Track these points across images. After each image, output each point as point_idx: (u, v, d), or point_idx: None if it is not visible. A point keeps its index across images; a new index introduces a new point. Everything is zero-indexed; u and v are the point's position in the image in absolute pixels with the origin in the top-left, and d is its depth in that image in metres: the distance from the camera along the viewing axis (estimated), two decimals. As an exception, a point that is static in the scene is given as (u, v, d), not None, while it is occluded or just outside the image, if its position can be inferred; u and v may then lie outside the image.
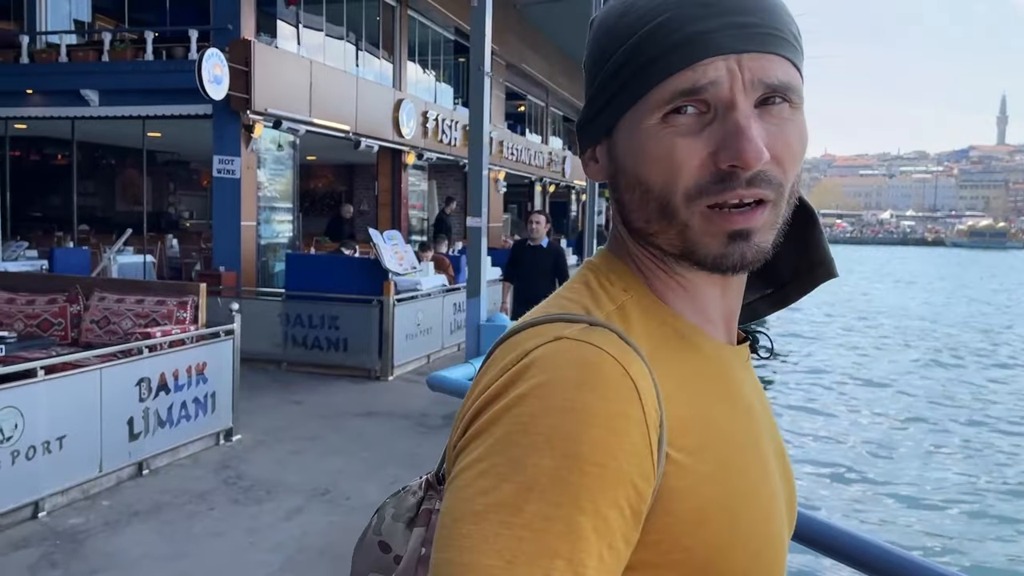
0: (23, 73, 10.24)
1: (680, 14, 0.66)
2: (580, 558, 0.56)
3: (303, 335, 8.47)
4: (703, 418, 0.67)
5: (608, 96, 0.70)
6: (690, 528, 0.63)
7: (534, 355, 0.63)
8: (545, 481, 0.57)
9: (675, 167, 0.66)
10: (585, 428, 0.58)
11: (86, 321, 5.78)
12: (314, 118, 10.63)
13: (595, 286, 0.72)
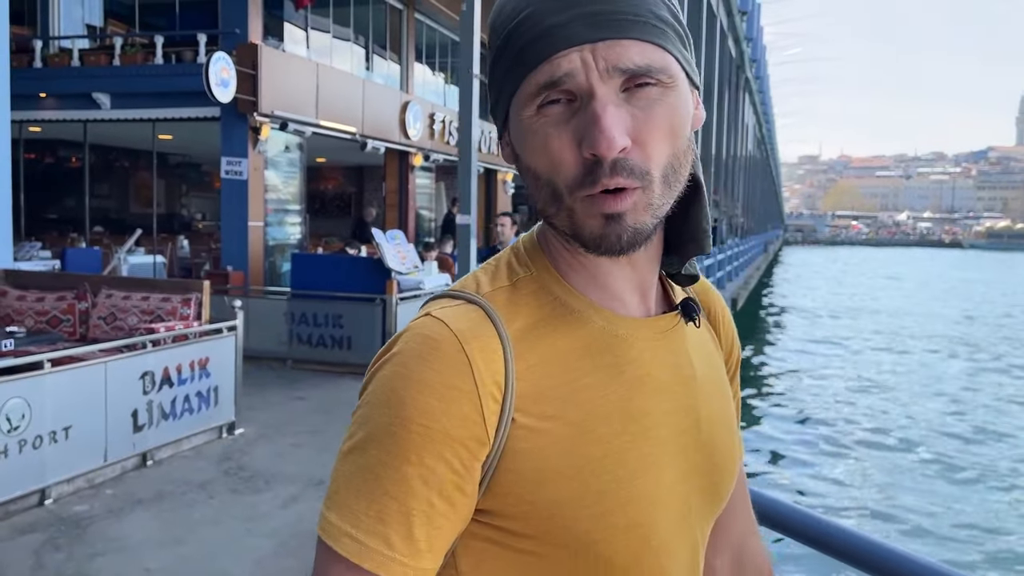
0: (37, 77, 10.47)
1: (539, 9, 0.69)
2: (408, 501, 0.67)
3: (308, 333, 8.63)
4: (567, 388, 0.73)
5: (496, 89, 0.74)
6: (532, 486, 0.70)
7: (408, 327, 0.74)
8: (381, 434, 0.67)
9: (554, 160, 0.70)
10: (415, 394, 0.67)
11: (93, 318, 5.95)
12: (320, 120, 10.81)
13: (503, 263, 0.80)
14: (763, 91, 30.60)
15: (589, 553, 0.72)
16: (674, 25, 0.72)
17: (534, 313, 0.75)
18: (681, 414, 0.78)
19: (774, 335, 20.69)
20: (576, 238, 0.73)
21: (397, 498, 0.67)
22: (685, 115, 0.72)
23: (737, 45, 20.81)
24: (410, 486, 0.67)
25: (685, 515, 0.78)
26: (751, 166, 34.20)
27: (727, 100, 19.03)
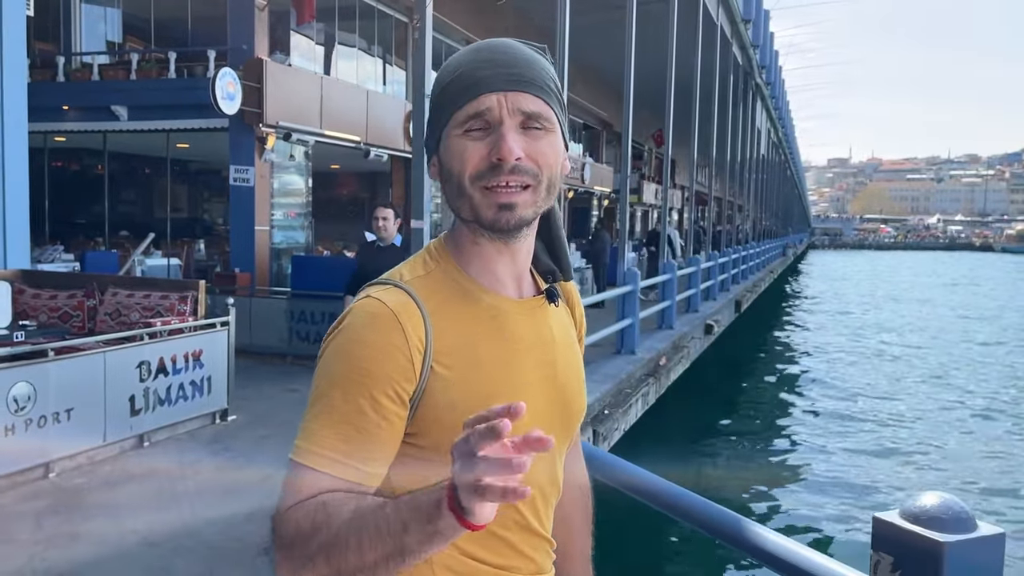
0: (60, 91, 11.17)
1: (471, 68, 1.04)
2: (361, 424, 0.97)
3: (306, 331, 9.20)
4: (467, 346, 1.04)
5: (434, 125, 1.07)
6: (444, 412, 1.00)
7: (354, 306, 1.05)
8: (341, 380, 0.99)
9: (467, 160, 1.02)
10: (365, 350, 0.99)
11: (100, 314, 6.55)
12: (325, 129, 11.40)
13: (420, 258, 1.12)
14: (776, 96, 30.76)
15: None
16: (557, 93, 1.08)
17: (443, 294, 1.07)
18: (544, 365, 1.11)
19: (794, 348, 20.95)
20: (477, 221, 1.05)
21: (353, 422, 0.97)
22: (559, 153, 1.06)
23: (744, 52, 21.11)
24: (363, 413, 0.97)
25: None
26: (765, 170, 34.31)
27: (730, 105, 19.34)
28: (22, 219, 7.06)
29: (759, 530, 1.60)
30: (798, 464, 10.32)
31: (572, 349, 1.20)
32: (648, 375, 9.36)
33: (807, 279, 47.22)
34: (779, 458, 10.55)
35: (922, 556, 1.25)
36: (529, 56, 1.06)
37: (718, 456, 10.35)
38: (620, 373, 8.39)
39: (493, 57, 1.04)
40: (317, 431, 0.98)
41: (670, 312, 11.90)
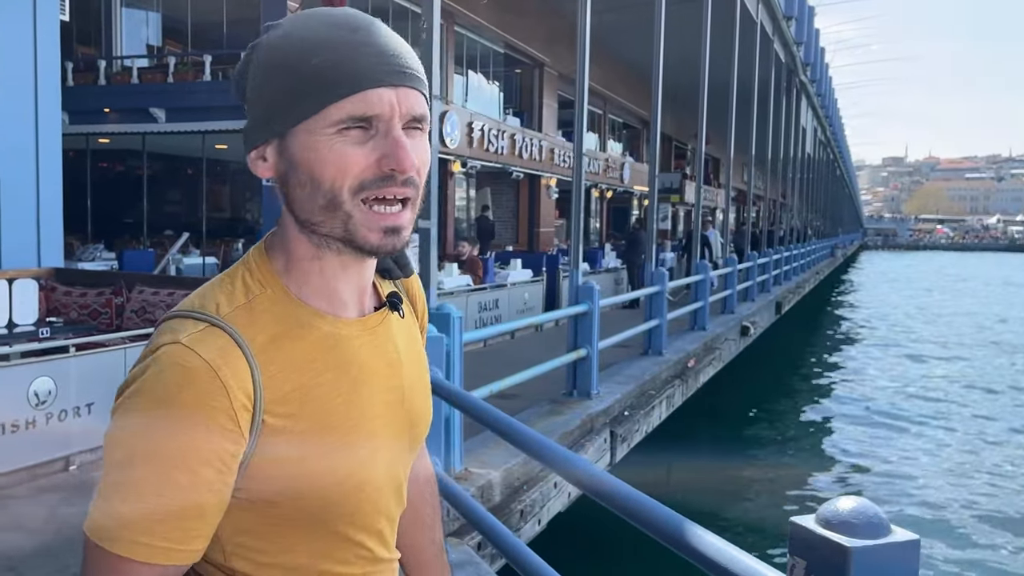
0: (101, 93, 11.49)
1: (348, 50, 0.84)
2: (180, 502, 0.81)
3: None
4: (304, 389, 0.89)
5: (281, 108, 0.85)
6: (280, 466, 0.87)
7: (159, 353, 0.84)
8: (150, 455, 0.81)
9: (346, 167, 0.84)
10: (176, 417, 0.81)
11: (127, 311, 6.71)
12: (357, 130, 11.52)
13: (239, 281, 0.91)
14: (823, 93, 30.21)
15: (323, 506, 0.91)
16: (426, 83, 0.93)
17: (271, 327, 0.89)
18: (391, 391, 0.98)
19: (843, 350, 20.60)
20: (348, 242, 0.88)
21: (173, 500, 0.81)
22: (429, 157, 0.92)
23: (786, 49, 20.80)
24: (183, 489, 0.81)
25: (392, 464, 0.99)
26: (812, 169, 33.75)
27: (771, 103, 19.06)
28: (56, 220, 7.28)
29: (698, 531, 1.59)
30: (818, 473, 10.13)
31: (419, 362, 1.08)
32: (675, 377, 9.27)
33: (857, 279, 46.28)
34: (805, 467, 10.37)
35: (831, 561, 1.23)
36: (405, 42, 0.91)
37: (742, 462, 10.20)
38: (644, 375, 8.32)
39: (374, 41, 0.86)
40: (128, 514, 0.82)
41: (702, 313, 11.77)
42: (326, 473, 0.90)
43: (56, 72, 7.22)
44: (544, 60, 17.74)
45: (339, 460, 0.92)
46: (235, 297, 0.89)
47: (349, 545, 0.96)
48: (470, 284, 10.41)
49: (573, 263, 7.25)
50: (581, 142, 7.20)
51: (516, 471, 5.00)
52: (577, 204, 7.35)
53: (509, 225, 18.64)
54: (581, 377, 7.05)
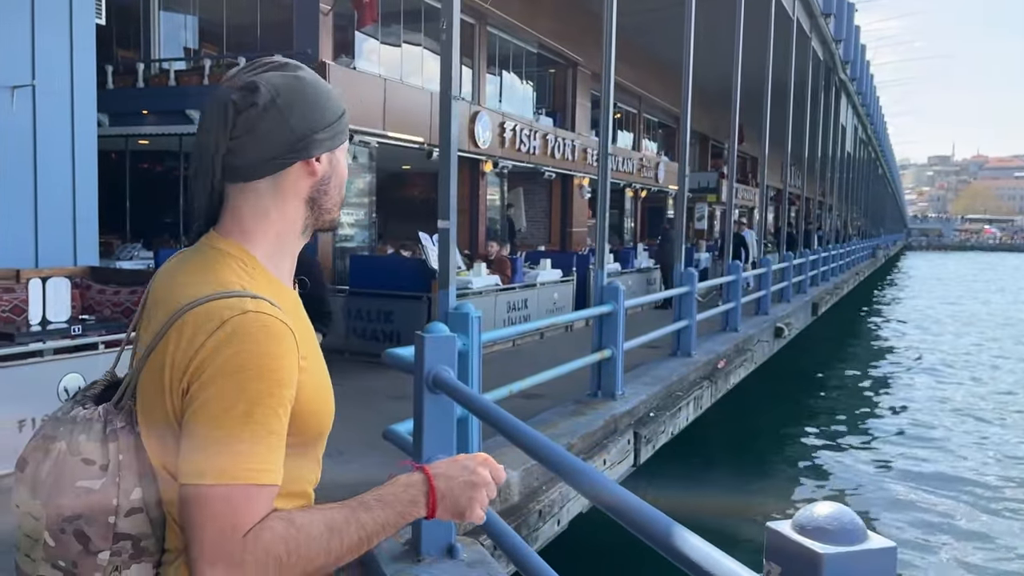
0: (139, 96, 11.71)
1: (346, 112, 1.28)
2: (280, 432, 1.07)
3: (362, 328, 9.39)
4: (304, 339, 1.14)
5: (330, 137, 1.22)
6: (303, 405, 1.11)
7: (233, 324, 1.04)
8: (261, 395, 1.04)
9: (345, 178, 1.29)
10: (273, 362, 1.06)
11: (158, 309, 6.85)
12: (388, 131, 11.61)
13: (234, 265, 1.14)
14: (864, 91, 29.71)
15: (319, 433, 1.21)
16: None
17: (274, 296, 1.14)
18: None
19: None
20: (327, 224, 1.28)
21: (276, 433, 1.06)
22: None
23: (825, 47, 20.49)
24: (280, 421, 1.07)
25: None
26: (853, 168, 33.19)
27: (808, 102, 18.78)
28: (91, 220, 7.45)
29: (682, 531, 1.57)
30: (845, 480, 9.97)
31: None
32: (704, 378, 9.19)
33: (900, 279, 45.45)
34: (830, 475, 10.21)
35: (804, 567, 1.22)
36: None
37: (768, 466, 10.07)
38: (672, 376, 8.26)
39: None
40: (252, 448, 1.03)
41: (734, 314, 11.64)
42: (324, 404, 1.19)
43: (92, 75, 7.37)
44: (577, 60, 17.70)
45: (327, 395, 1.21)
46: (243, 278, 1.13)
47: (317, 467, 1.25)
48: (499, 283, 10.42)
49: (598, 263, 7.23)
50: (607, 140, 7.18)
51: (535, 471, 4.99)
52: (602, 203, 7.34)
53: (542, 225, 18.64)
54: (605, 378, 7.02)
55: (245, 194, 1.19)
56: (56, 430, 1.10)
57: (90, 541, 1.05)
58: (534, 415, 6.29)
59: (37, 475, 1.08)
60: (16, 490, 1.12)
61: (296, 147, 1.17)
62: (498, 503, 4.61)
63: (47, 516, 1.06)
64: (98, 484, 1.06)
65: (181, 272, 1.16)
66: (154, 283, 1.23)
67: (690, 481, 8.07)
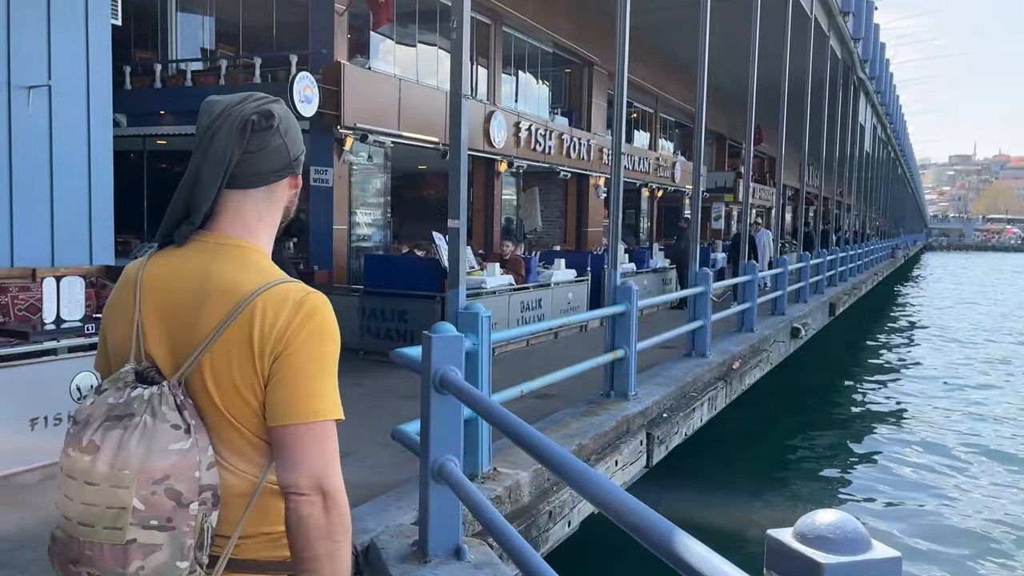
0: (157, 96, 11.79)
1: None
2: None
3: (377, 327, 9.40)
4: None
5: (302, 161, 1.55)
6: None
7: (307, 302, 1.37)
8: (335, 355, 1.40)
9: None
10: (336, 329, 1.41)
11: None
12: (403, 131, 11.62)
13: (266, 260, 1.46)
14: (883, 90, 29.43)
15: None
16: None
17: None
18: None
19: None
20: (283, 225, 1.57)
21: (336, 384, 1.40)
22: None
23: (843, 45, 20.31)
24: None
25: None
26: (872, 168, 32.90)
27: (826, 101, 18.63)
28: (107, 220, 7.49)
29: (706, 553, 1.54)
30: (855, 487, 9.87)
31: None
32: (718, 379, 9.13)
33: (922, 278, 45.01)
34: (840, 481, 10.11)
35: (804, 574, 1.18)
36: None
37: (780, 470, 9.99)
38: (686, 376, 8.21)
39: None
40: (333, 392, 1.36)
41: (750, 314, 11.56)
42: None
43: (108, 74, 7.42)
44: (593, 59, 17.65)
45: None
46: (274, 267, 1.44)
47: None
48: (512, 283, 10.39)
49: (611, 263, 7.19)
50: (620, 140, 7.15)
51: (545, 471, 4.96)
52: (615, 203, 7.30)
53: (557, 224, 18.58)
54: (618, 378, 6.98)
55: (246, 199, 1.44)
56: (127, 409, 1.28)
57: (181, 496, 1.25)
58: (547, 415, 6.26)
59: (123, 448, 1.25)
60: (86, 473, 1.25)
61: (290, 165, 1.49)
62: (508, 504, 4.59)
63: (138, 482, 1.24)
64: (187, 444, 1.28)
65: (223, 265, 1.38)
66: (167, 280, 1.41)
67: (703, 483, 8.02)
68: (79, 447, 1.27)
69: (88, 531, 1.24)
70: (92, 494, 1.24)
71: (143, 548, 1.23)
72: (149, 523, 1.23)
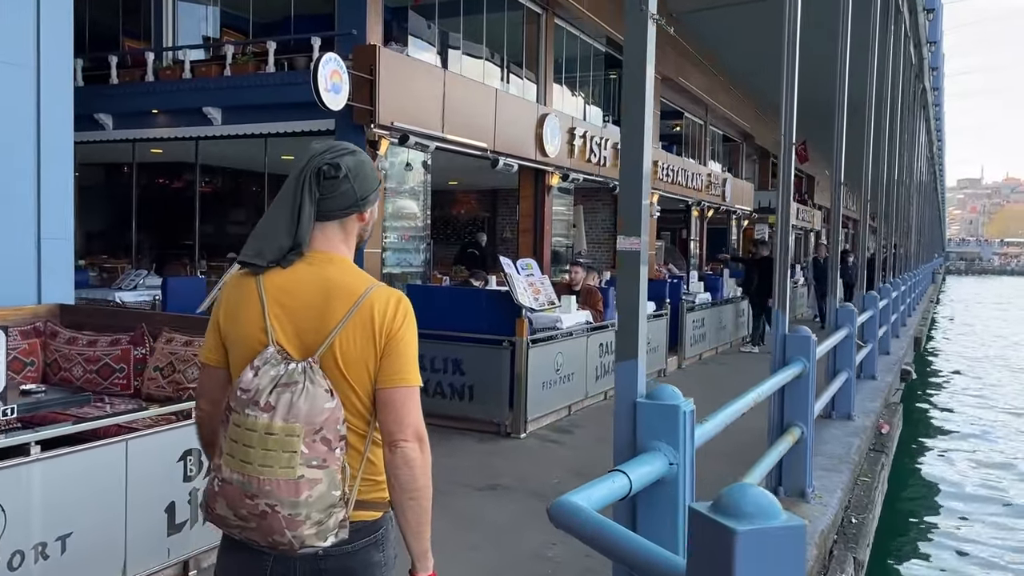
0: (149, 92, 9.75)
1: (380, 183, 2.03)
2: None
3: (423, 380, 7.23)
4: None
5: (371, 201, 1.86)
6: None
7: (403, 300, 1.78)
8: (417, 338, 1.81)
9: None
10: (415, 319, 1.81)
11: (150, 368, 4.75)
12: (447, 134, 9.52)
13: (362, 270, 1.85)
14: (939, 103, 27.40)
15: None
16: None
17: None
18: None
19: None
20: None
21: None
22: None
23: (917, 49, 18.27)
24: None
25: None
26: (921, 190, 30.80)
27: (899, 113, 16.49)
28: (64, 243, 5.38)
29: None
30: None
31: None
32: (873, 449, 6.98)
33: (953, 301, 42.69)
34: None
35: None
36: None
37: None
38: (849, 452, 6.03)
39: None
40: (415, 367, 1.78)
41: (871, 358, 9.38)
42: None
43: (67, 61, 5.42)
44: (647, 60, 15.61)
45: None
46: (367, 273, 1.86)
47: None
48: (590, 321, 8.25)
49: (778, 301, 5.03)
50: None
51: None
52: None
53: (605, 247, 16.43)
54: (792, 468, 4.86)
55: (327, 228, 1.81)
56: (291, 378, 1.66)
57: (331, 442, 1.66)
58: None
59: (292, 406, 1.64)
60: (267, 426, 1.63)
61: (356, 204, 1.82)
62: None
63: (305, 431, 1.63)
64: (333, 403, 1.67)
65: (334, 272, 1.77)
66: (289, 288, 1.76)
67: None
68: (258, 407, 1.64)
69: (268, 471, 1.62)
70: (272, 442, 1.62)
71: (309, 482, 1.62)
72: (311, 463, 1.63)
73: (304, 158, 1.77)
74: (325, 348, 1.69)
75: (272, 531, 1.61)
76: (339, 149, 1.79)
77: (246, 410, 1.63)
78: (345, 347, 1.69)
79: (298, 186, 1.74)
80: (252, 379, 1.64)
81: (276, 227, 1.75)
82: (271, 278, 1.74)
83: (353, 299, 1.71)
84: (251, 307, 1.73)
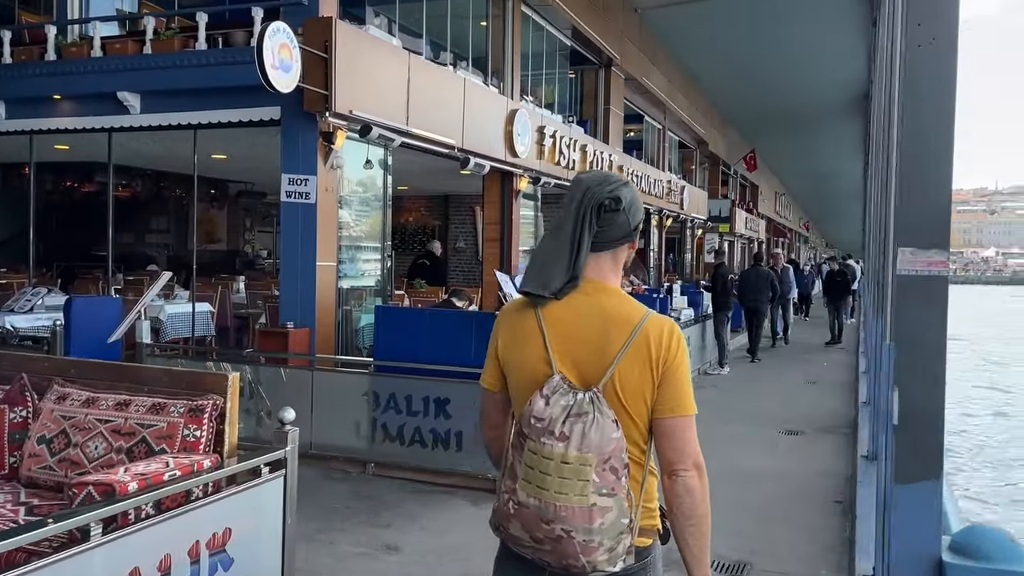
0: (50, 73, 8.10)
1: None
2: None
3: (398, 424, 5.87)
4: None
5: (640, 230, 1.92)
6: None
7: (677, 328, 1.77)
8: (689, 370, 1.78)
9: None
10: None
11: (32, 439, 3.28)
12: (412, 127, 8.15)
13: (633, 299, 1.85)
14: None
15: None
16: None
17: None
18: None
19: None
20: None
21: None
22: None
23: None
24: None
25: None
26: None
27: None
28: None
29: None
30: None
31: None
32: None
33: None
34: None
35: None
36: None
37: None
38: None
39: None
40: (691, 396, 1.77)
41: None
42: None
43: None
44: (613, 56, 14.45)
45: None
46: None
47: None
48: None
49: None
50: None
51: None
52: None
53: (570, 259, 15.22)
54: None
55: (605, 258, 1.82)
56: (581, 408, 1.67)
57: (617, 471, 1.66)
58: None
59: (585, 436, 1.65)
60: (562, 455, 1.65)
61: (630, 234, 1.85)
62: None
63: (596, 461, 1.64)
64: (619, 433, 1.67)
65: (610, 302, 1.78)
66: (568, 318, 1.78)
67: None
68: (553, 436, 1.66)
69: (563, 497, 1.64)
70: (568, 471, 1.64)
71: (601, 509, 1.64)
72: (601, 491, 1.64)
73: (578, 190, 1.81)
74: (608, 378, 1.73)
75: (567, 555, 1.66)
76: (615, 180, 1.85)
77: (542, 439, 1.69)
78: (624, 377, 1.73)
79: (578, 219, 1.78)
80: (544, 408, 1.70)
81: (557, 259, 1.79)
82: (550, 308, 1.80)
83: (630, 329, 1.74)
84: (532, 336, 1.80)
